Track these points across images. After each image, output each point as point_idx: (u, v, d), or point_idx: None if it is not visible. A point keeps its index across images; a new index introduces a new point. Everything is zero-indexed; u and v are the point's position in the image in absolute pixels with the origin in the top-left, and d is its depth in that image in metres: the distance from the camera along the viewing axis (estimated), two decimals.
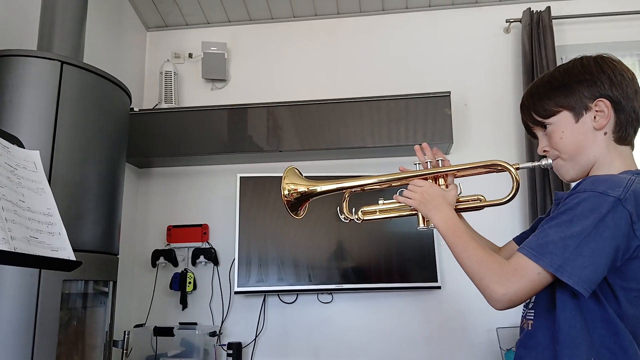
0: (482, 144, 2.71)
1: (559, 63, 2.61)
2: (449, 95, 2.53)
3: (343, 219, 1.28)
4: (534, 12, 2.69)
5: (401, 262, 2.51)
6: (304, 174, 1.30)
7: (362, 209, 1.27)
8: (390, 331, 2.56)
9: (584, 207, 0.89)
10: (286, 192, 1.25)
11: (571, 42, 2.74)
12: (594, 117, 1.01)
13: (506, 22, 2.77)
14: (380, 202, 1.26)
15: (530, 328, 1.03)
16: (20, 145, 1.03)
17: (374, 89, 2.74)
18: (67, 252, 0.92)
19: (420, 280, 2.49)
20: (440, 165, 1.20)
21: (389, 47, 2.89)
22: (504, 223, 2.48)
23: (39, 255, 0.86)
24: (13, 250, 0.80)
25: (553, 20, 2.65)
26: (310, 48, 2.95)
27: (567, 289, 0.90)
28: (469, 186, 1.21)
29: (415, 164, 1.23)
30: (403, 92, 2.58)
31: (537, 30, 2.65)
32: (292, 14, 2.96)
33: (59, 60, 1.65)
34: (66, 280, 1.59)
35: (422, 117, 2.51)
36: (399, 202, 1.20)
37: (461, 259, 1.02)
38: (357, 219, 1.27)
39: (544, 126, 1.07)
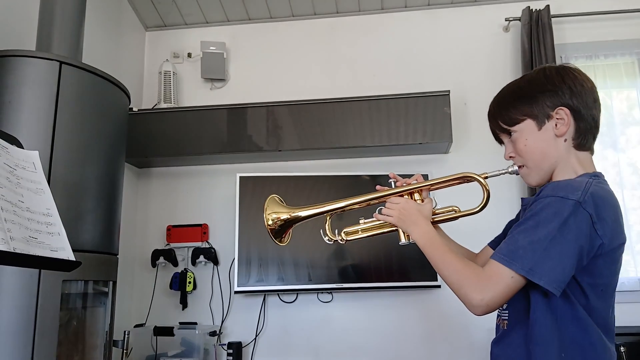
0: (481, 143, 2.70)
1: (558, 61, 2.61)
2: (449, 94, 2.53)
3: (327, 241, 1.30)
4: (533, 10, 2.69)
5: (401, 261, 2.51)
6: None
7: (344, 230, 1.29)
8: (390, 330, 2.57)
9: (548, 212, 0.94)
10: (270, 222, 1.27)
11: (570, 40, 2.74)
12: (555, 125, 1.06)
13: (505, 20, 2.77)
14: (361, 221, 1.28)
15: (505, 327, 1.08)
16: (20, 145, 1.03)
17: (373, 88, 2.74)
18: (66, 253, 0.92)
19: (420, 279, 2.48)
20: (414, 181, 1.23)
21: (388, 46, 2.89)
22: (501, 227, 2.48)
23: (38, 256, 0.85)
24: (12, 251, 0.80)
25: (552, 19, 2.64)
26: (309, 47, 2.95)
27: (539, 289, 0.94)
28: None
29: (390, 181, 1.26)
30: (402, 91, 2.58)
31: (536, 28, 2.64)
32: (291, 13, 2.96)
33: (58, 61, 1.64)
34: (66, 281, 1.59)
35: (422, 116, 2.51)
36: (379, 220, 1.23)
37: (440, 270, 1.07)
38: (340, 240, 1.29)
39: (509, 133, 1.13)
